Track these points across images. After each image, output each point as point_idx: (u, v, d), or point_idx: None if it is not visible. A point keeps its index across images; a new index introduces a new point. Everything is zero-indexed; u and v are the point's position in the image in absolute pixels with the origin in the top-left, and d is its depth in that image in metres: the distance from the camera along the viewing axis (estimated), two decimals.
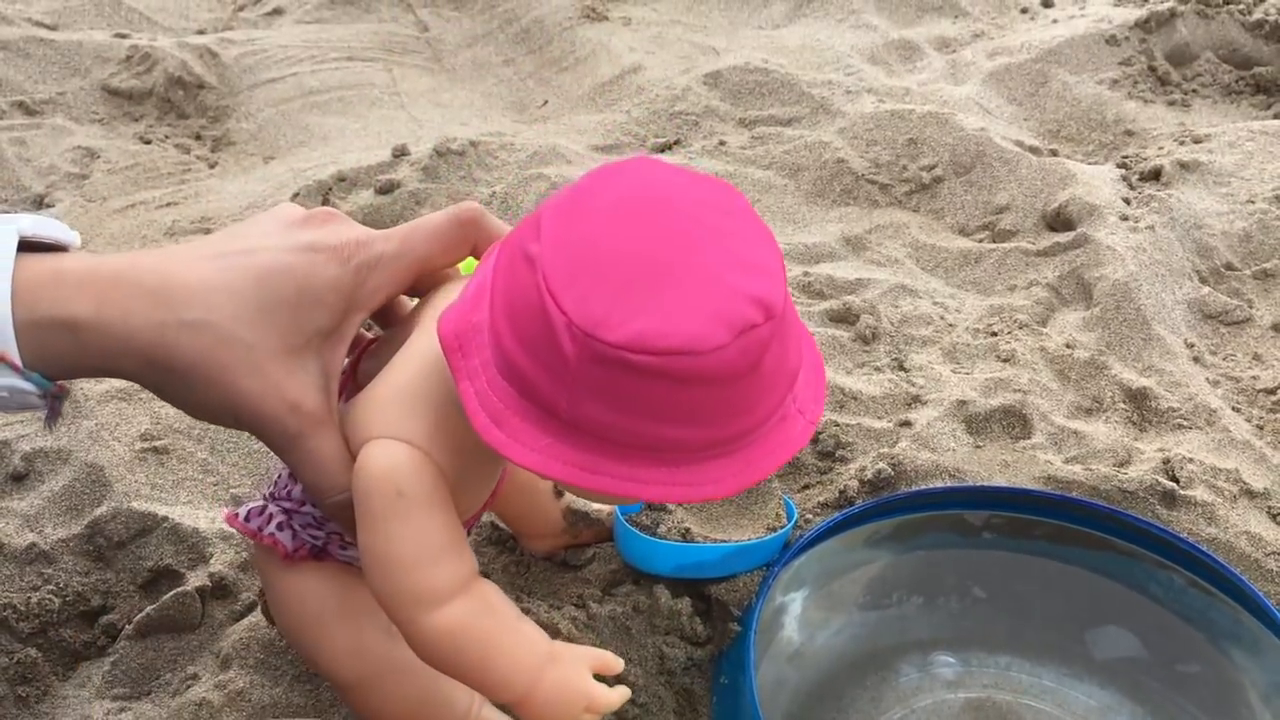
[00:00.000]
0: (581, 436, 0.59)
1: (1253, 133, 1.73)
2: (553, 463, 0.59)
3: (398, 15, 2.27)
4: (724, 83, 1.90)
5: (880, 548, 0.99)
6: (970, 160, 1.66)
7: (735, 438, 0.60)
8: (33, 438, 1.12)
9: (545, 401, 0.59)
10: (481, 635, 0.69)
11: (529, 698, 0.70)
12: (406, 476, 0.66)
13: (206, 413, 0.69)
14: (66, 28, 2.07)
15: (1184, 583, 0.95)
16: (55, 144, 1.76)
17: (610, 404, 0.57)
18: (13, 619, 0.97)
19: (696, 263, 0.58)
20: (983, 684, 0.96)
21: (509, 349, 0.60)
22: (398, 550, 0.67)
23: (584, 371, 0.57)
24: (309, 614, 0.78)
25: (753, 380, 0.59)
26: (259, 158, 1.82)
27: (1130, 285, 1.35)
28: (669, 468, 0.59)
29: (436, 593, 0.68)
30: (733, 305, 0.57)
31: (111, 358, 0.65)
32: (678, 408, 0.58)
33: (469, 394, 0.61)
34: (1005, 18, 2.22)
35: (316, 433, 0.68)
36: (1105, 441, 1.13)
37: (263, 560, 0.80)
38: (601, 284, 0.57)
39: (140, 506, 1.05)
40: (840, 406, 1.18)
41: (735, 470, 0.61)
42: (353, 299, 0.70)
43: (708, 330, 0.56)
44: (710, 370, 0.57)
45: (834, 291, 1.41)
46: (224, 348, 0.65)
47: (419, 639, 0.69)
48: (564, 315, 0.57)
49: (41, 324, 0.63)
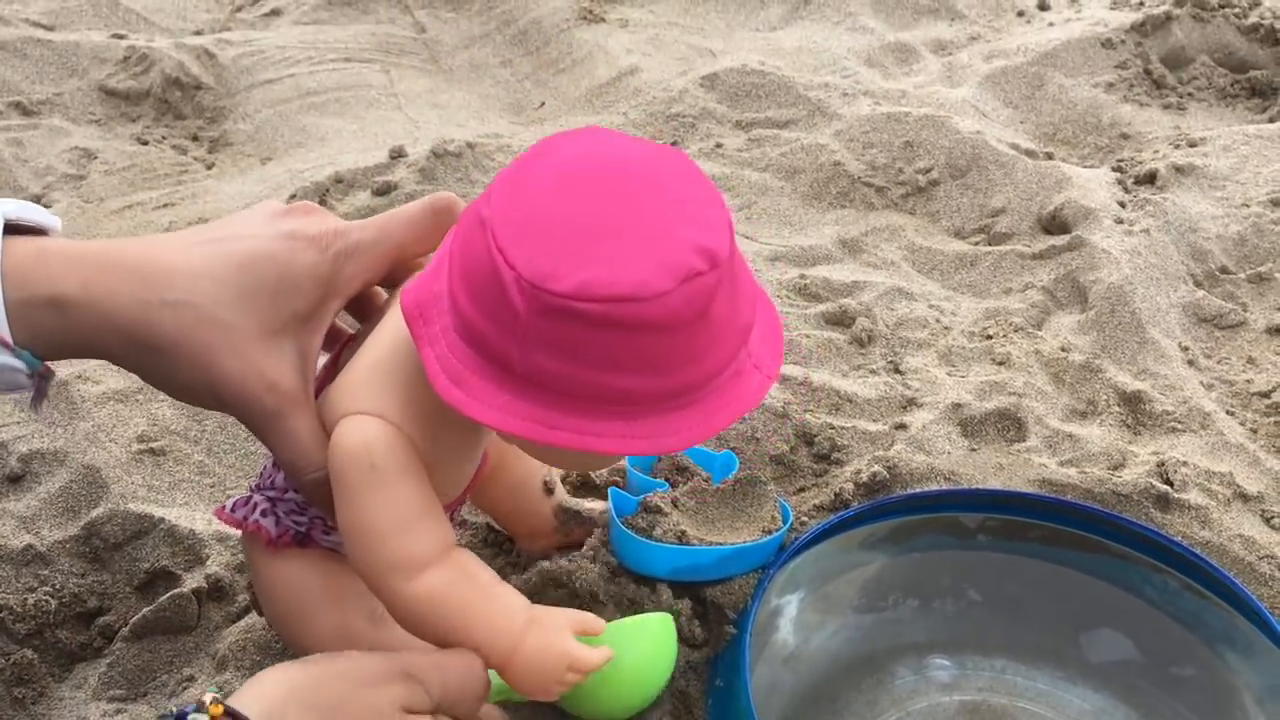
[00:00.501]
0: (538, 391, 0.60)
1: (1248, 136, 1.73)
2: (511, 418, 0.60)
3: (395, 16, 2.27)
4: (721, 85, 1.90)
5: (875, 550, 0.99)
6: (966, 163, 1.66)
7: (689, 389, 0.61)
8: (30, 439, 1.12)
9: (501, 357, 0.61)
10: (460, 601, 0.70)
11: (511, 661, 0.71)
12: (380, 449, 0.68)
13: (188, 392, 0.71)
14: (64, 28, 2.07)
15: (1178, 586, 0.95)
16: (52, 145, 1.76)
17: (561, 355, 0.59)
18: (9, 620, 0.97)
19: (642, 218, 0.60)
20: (978, 687, 0.96)
21: (465, 310, 0.62)
22: (374, 520, 0.68)
23: (534, 324, 0.59)
24: (294, 599, 0.78)
25: (701, 328, 0.60)
26: (256, 159, 1.82)
27: (1125, 289, 1.35)
28: (626, 420, 0.60)
29: (414, 560, 0.69)
30: (677, 254, 0.59)
31: (97, 335, 0.67)
32: (627, 356, 0.59)
33: (430, 358, 0.63)
34: (1001, 21, 2.22)
35: (294, 412, 0.70)
36: (1100, 445, 1.13)
37: (249, 549, 0.81)
38: (549, 240, 0.59)
39: (137, 508, 1.05)
40: (835, 409, 1.18)
41: (692, 423, 0.62)
42: (330, 285, 0.72)
43: (652, 277, 0.58)
44: (656, 317, 0.58)
45: (830, 294, 1.41)
46: (205, 328, 0.68)
47: (399, 607, 0.71)
48: (513, 270, 0.59)
49: (30, 302, 0.66)
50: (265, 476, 0.81)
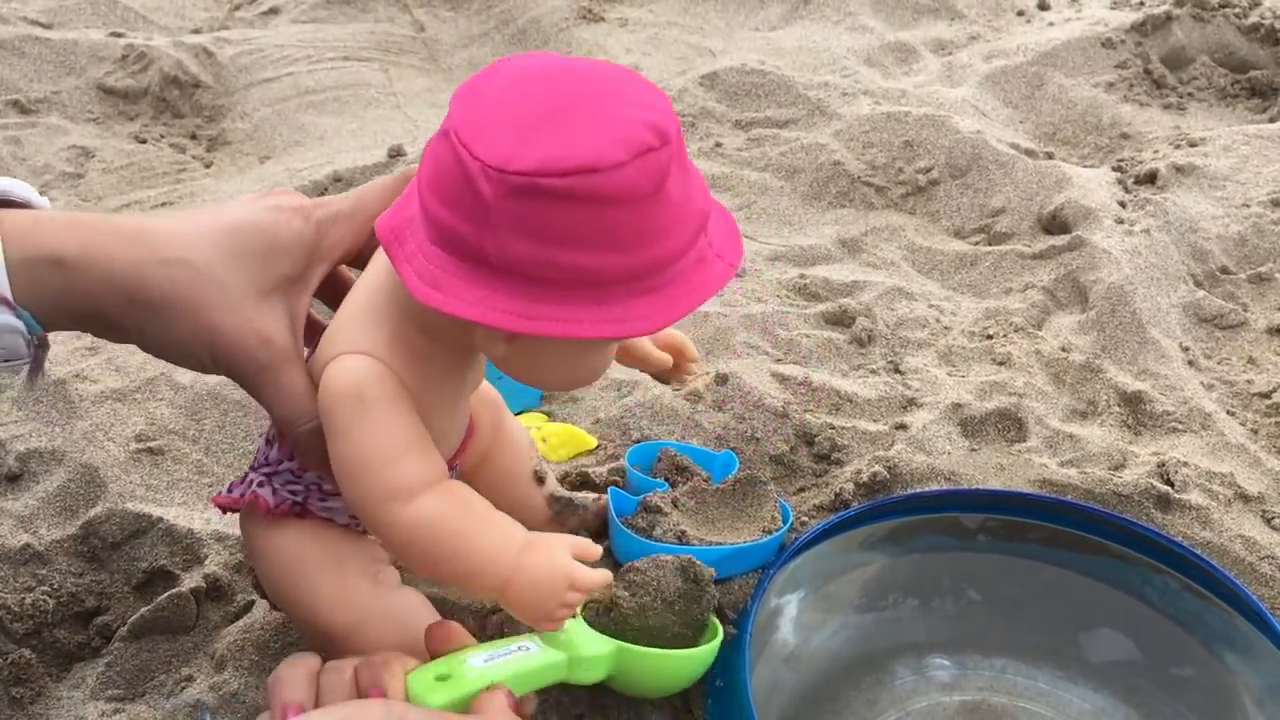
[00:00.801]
0: (514, 281, 0.63)
1: (1248, 136, 1.73)
2: (491, 312, 0.63)
3: (394, 15, 2.27)
4: (720, 84, 1.90)
5: (876, 550, 0.99)
6: (966, 163, 1.66)
7: (655, 269, 0.64)
8: (28, 438, 1.12)
9: (476, 252, 0.63)
10: (455, 526, 0.71)
11: (510, 584, 0.71)
12: (367, 383, 0.70)
13: (184, 352, 0.72)
14: (62, 26, 2.06)
15: (1178, 586, 0.95)
16: (50, 143, 1.76)
17: (531, 236, 0.61)
18: (7, 620, 0.96)
19: (593, 105, 0.63)
20: (978, 686, 0.96)
21: (437, 216, 0.64)
22: (365, 450, 0.70)
23: (503, 208, 0.61)
24: (294, 566, 0.79)
25: (659, 204, 0.63)
26: (254, 157, 1.82)
27: (1125, 289, 1.35)
28: (597, 305, 0.63)
29: (407, 486, 0.70)
30: (629, 131, 0.61)
31: (95, 295, 0.69)
32: (592, 232, 0.61)
33: (408, 273, 0.65)
34: (1001, 20, 2.22)
35: (286, 367, 0.73)
36: (1100, 445, 1.13)
37: (248, 525, 0.81)
38: (507, 128, 0.62)
39: (135, 508, 1.04)
40: (836, 409, 1.18)
41: (661, 306, 0.64)
42: (315, 251, 0.75)
43: (608, 150, 0.60)
44: (614, 188, 0.61)
45: (830, 294, 1.41)
46: (200, 285, 0.70)
47: (395, 536, 0.71)
48: (476, 160, 0.61)
49: (31, 262, 0.67)
50: (259, 456, 0.82)
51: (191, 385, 1.21)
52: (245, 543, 0.83)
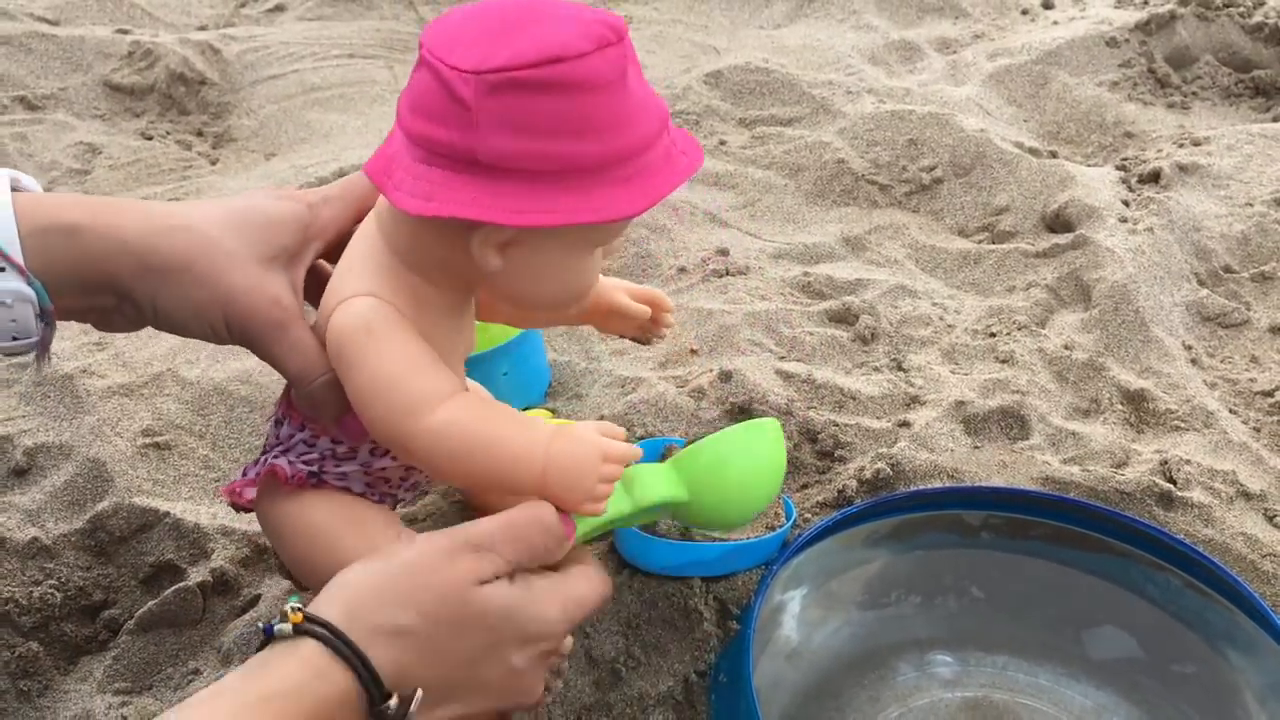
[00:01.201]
0: (501, 180, 0.67)
1: (1251, 135, 1.73)
2: (481, 209, 0.66)
3: (399, 12, 2.27)
4: (725, 82, 1.90)
5: (879, 547, 1.00)
6: (970, 161, 1.67)
7: (627, 157, 0.68)
8: (35, 432, 1.13)
9: (463, 154, 0.67)
10: (482, 426, 0.72)
11: (547, 472, 0.72)
12: (372, 316, 0.72)
13: (197, 315, 0.74)
14: (69, 23, 2.07)
15: (1180, 584, 0.95)
16: (57, 140, 1.76)
17: (512, 129, 0.65)
18: (14, 613, 0.97)
19: (552, 12, 0.68)
20: (980, 683, 0.96)
21: (422, 132, 0.68)
22: (381, 372, 0.72)
23: (483, 107, 0.65)
24: (317, 532, 0.79)
25: (623, 92, 0.68)
26: (260, 154, 1.83)
27: (1129, 287, 1.36)
28: (581, 195, 0.67)
29: (428, 398, 0.72)
30: (587, 28, 0.67)
31: (109, 261, 0.71)
32: (567, 119, 0.66)
33: (401, 197, 0.68)
34: (1006, 19, 2.22)
35: (296, 324, 0.75)
36: (1103, 443, 1.14)
37: (265, 502, 0.81)
38: (478, 39, 0.67)
39: (142, 502, 1.05)
40: (839, 406, 1.18)
41: (638, 193, 0.69)
42: (310, 229, 0.78)
43: (572, 41, 0.66)
44: (582, 74, 0.66)
45: (833, 292, 1.41)
46: (211, 249, 0.73)
47: (422, 447, 0.72)
48: (453, 69, 0.66)
49: (43, 230, 0.70)
50: (270, 439, 0.83)
51: (198, 381, 1.22)
52: (264, 521, 0.83)
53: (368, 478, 0.81)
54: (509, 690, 0.73)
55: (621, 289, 0.93)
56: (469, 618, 0.69)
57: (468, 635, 0.69)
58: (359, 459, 0.80)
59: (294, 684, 0.63)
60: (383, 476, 0.82)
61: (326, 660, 0.64)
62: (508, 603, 0.70)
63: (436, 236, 0.71)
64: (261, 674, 0.64)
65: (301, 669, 0.64)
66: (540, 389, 1.24)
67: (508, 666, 0.71)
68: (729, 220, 1.60)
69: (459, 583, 0.69)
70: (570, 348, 1.32)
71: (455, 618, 0.68)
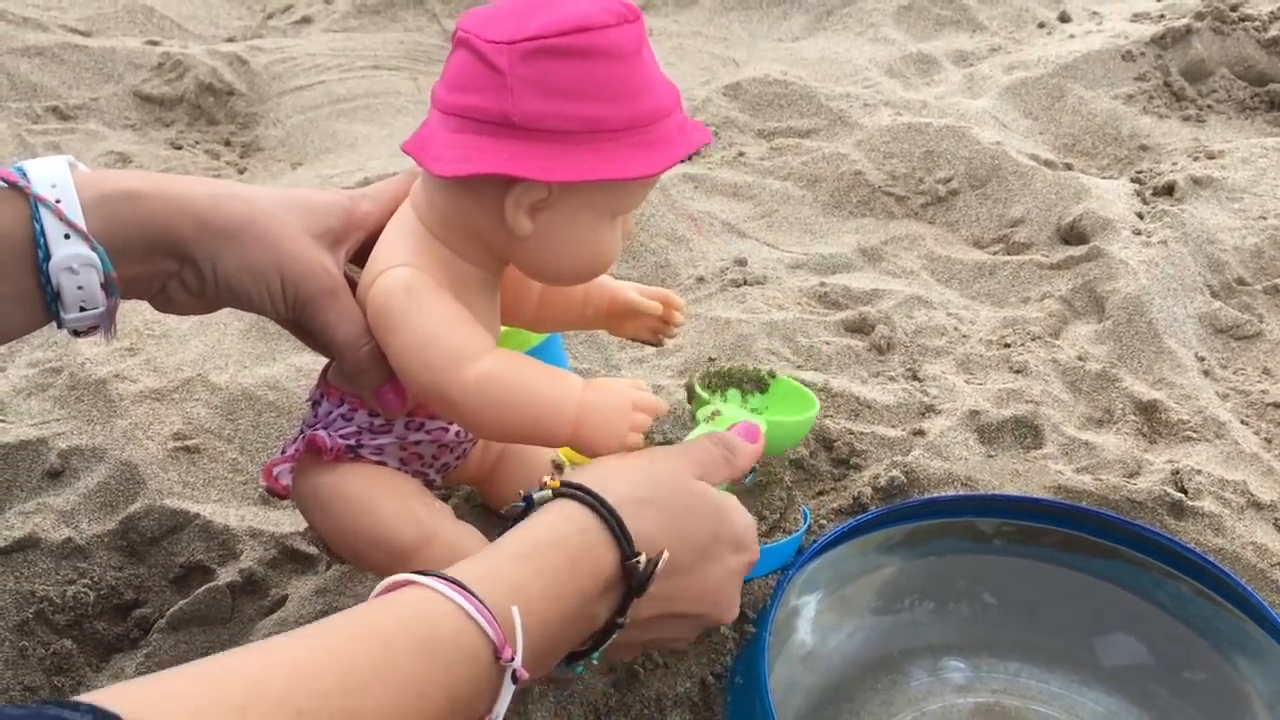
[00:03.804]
0: (535, 140, 0.71)
1: (1266, 149, 1.74)
2: (519, 165, 0.71)
3: (423, 25, 2.30)
4: (743, 94, 1.92)
5: (893, 553, 1.01)
6: (986, 173, 1.68)
7: (648, 121, 0.73)
8: (69, 435, 1.15)
9: (499, 118, 0.71)
10: (519, 376, 0.77)
11: (582, 419, 0.77)
12: (411, 280, 0.77)
13: (256, 276, 0.77)
14: (100, 35, 2.11)
15: (1191, 592, 0.96)
16: (89, 149, 1.79)
17: (545, 92, 0.71)
18: (49, 611, 0.99)
19: None
20: (992, 689, 0.97)
21: (458, 103, 0.73)
22: (423, 327, 0.76)
23: (517, 72, 0.70)
24: (355, 497, 0.82)
25: (641, 63, 0.73)
26: (287, 164, 1.86)
27: (1142, 299, 1.37)
28: (606, 154, 0.72)
29: (468, 350, 0.76)
30: (608, 4, 0.72)
31: (171, 221, 0.74)
32: (594, 82, 0.71)
33: (439, 165, 0.73)
34: (1022, 32, 2.23)
35: (345, 292, 0.79)
36: (1115, 452, 1.15)
37: (303, 478, 0.84)
38: (508, 16, 0.72)
39: (172, 504, 1.07)
40: (855, 415, 1.20)
41: (657, 155, 0.74)
42: (352, 217, 0.83)
43: (595, 14, 0.71)
44: (605, 44, 0.71)
45: (850, 302, 1.43)
46: (268, 217, 0.77)
47: (461, 397, 0.75)
48: (489, 42, 0.71)
49: (105, 197, 0.73)
50: (306, 420, 0.86)
51: (226, 386, 1.24)
52: (302, 494, 0.85)
53: (403, 453, 0.84)
54: (719, 596, 0.78)
55: (632, 288, 0.96)
56: (695, 503, 0.76)
57: (696, 518, 0.75)
58: (394, 433, 0.83)
59: (559, 534, 0.69)
60: (416, 453, 0.85)
61: (584, 515, 0.71)
62: (720, 499, 0.78)
63: (472, 202, 0.75)
64: (528, 529, 0.70)
65: (565, 521, 0.70)
66: None
67: (725, 567, 0.77)
68: (747, 230, 1.62)
69: (685, 474, 0.77)
70: (590, 355, 1.34)
71: (685, 501, 0.75)
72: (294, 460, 0.85)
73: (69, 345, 1.27)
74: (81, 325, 0.75)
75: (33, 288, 0.72)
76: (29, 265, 0.72)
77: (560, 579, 0.67)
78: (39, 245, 0.71)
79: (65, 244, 0.71)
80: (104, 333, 0.77)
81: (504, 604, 0.63)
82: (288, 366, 1.28)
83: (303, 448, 0.84)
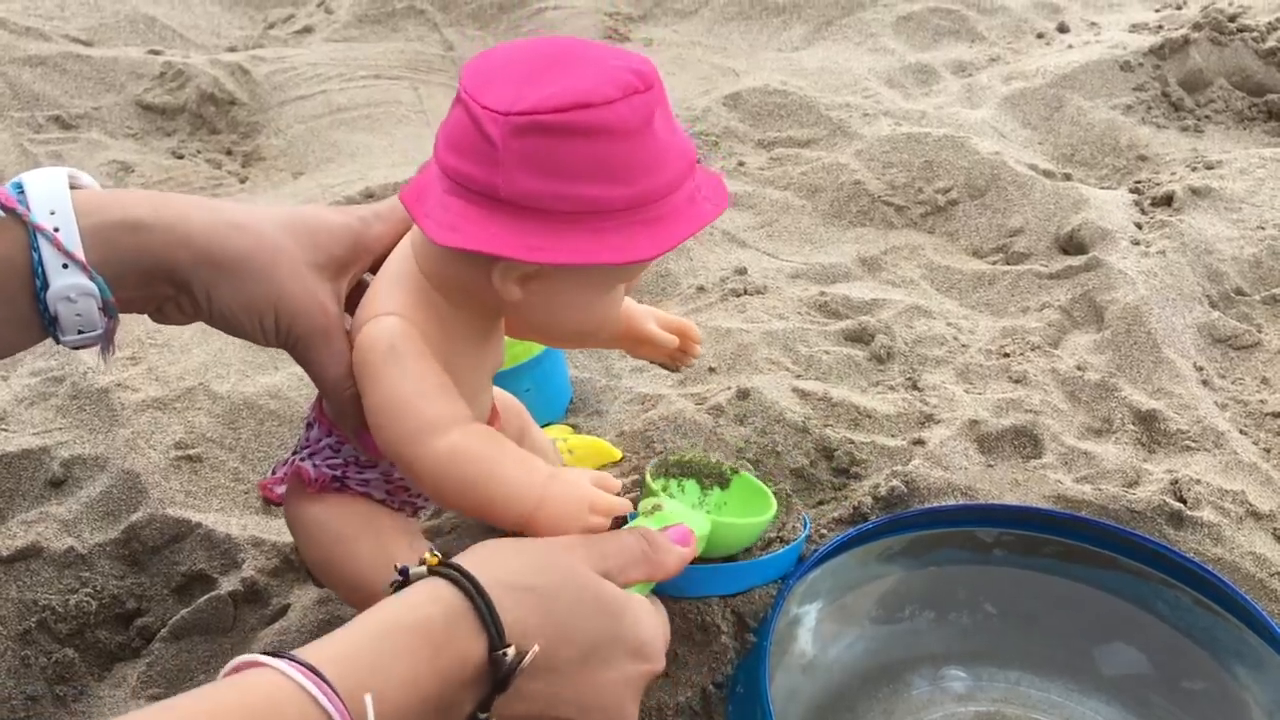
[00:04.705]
0: (524, 218, 0.68)
1: (1264, 159, 1.75)
2: (500, 245, 0.68)
3: (424, 34, 2.31)
4: (743, 104, 1.93)
5: (893, 563, 1.01)
6: (985, 183, 1.69)
7: (650, 201, 0.69)
8: (71, 445, 1.16)
9: (487, 190, 0.68)
10: (484, 456, 0.74)
11: (538, 510, 0.74)
12: (397, 335, 0.75)
13: (251, 311, 0.76)
14: (102, 44, 2.11)
15: (1190, 601, 0.96)
16: (90, 158, 1.80)
17: (536, 170, 0.67)
18: (51, 620, 1.00)
19: (584, 57, 0.70)
20: (992, 698, 0.98)
21: (453, 166, 0.70)
22: (398, 392, 0.74)
23: (510, 147, 0.67)
24: (335, 532, 0.82)
25: (648, 138, 0.69)
26: (288, 173, 1.86)
27: (1141, 309, 1.37)
28: (602, 236, 0.69)
29: (437, 422, 0.74)
30: (616, 74, 0.68)
31: (169, 253, 0.74)
32: (590, 163, 0.67)
33: (429, 225, 0.70)
34: (1021, 43, 2.24)
35: (339, 333, 0.78)
36: (1115, 462, 1.15)
37: (291, 502, 0.84)
38: (510, 81, 0.69)
39: (175, 513, 1.08)
40: (854, 424, 1.20)
41: (658, 236, 0.70)
42: (360, 241, 0.81)
43: (599, 87, 0.67)
44: (608, 121, 0.67)
45: (849, 311, 1.43)
46: (268, 249, 0.76)
47: (425, 468, 0.74)
48: (485, 109, 0.68)
49: (105, 226, 0.72)
50: (300, 441, 0.86)
51: (228, 395, 1.24)
52: (289, 520, 0.86)
53: (388, 485, 0.84)
54: (608, 705, 0.73)
55: (651, 318, 0.94)
56: (587, 598, 0.71)
57: (586, 615, 0.71)
58: (380, 468, 0.83)
59: (423, 615, 0.65)
60: (402, 485, 0.85)
61: (454, 597, 0.66)
62: (626, 599, 0.74)
63: (463, 265, 0.73)
64: (395, 606, 0.66)
65: (431, 603, 0.66)
66: (562, 405, 1.27)
67: (620, 673, 0.73)
68: (747, 240, 1.62)
69: (580, 566, 0.72)
70: (591, 365, 1.34)
71: (577, 595, 0.71)
72: (283, 482, 0.85)
73: (71, 355, 1.27)
74: (80, 345, 0.75)
75: (31, 313, 0.72)
76: (27, 291, 0.71)
77: (420, 665, 0.63)
78: (37, 275, 0.71)
79: (63, 274, 0.71)
80: (102, 352, 0.77)
81: (358, 690, 0.60)
82: (290, 375, 1.28)
83: (290, 473, 0.84)
